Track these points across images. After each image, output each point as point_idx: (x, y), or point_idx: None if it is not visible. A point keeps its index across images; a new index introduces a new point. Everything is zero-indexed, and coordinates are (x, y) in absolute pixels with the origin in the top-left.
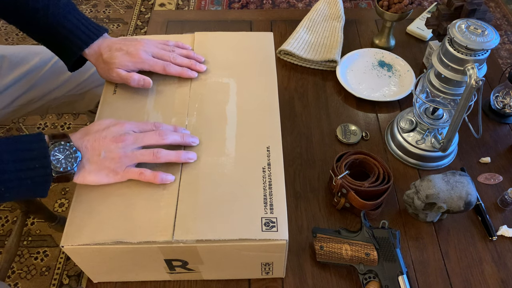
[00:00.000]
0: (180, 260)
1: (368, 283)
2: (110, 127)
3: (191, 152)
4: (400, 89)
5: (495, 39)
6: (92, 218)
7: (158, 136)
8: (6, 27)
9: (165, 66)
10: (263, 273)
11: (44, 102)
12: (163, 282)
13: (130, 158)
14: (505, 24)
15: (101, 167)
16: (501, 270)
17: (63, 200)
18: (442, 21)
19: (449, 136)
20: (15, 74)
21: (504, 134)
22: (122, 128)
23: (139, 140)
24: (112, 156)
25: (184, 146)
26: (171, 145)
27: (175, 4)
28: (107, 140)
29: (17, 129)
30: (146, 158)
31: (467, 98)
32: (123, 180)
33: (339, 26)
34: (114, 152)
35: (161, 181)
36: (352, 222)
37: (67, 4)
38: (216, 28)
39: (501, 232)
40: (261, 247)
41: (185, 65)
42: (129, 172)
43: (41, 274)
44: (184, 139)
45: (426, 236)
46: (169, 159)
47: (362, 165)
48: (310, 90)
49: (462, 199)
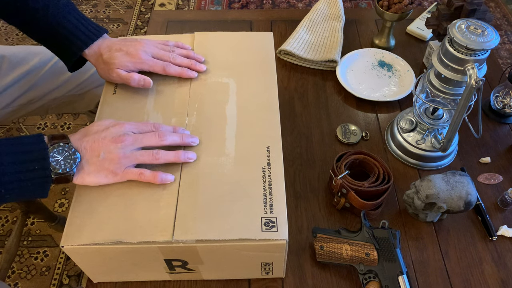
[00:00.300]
0: (180, 260)
1: (368, 283)
2: (109, 128)
3: (191, 152)
4: (400, 89)
5: (495, 39)
6: (92, 218)
7: (158, 137)
8: (6, 27)
9: (164, 66)
10: (263, 273)
11: (44, 102)
12: (163, 282)
13: (130, 159)
14: (505, 24)
15: (100, 168)
16: (501, 270)
17: (63, 200)
18: (442, 21)
19: (449, 136)
20: (15, 74)
21: (504, 134)
22: (121, 129)
23: (138, 141)
24: (111, 157)
25: (184, 146)
26: (171, 146)
27: (175, 4)
28: (107, 141)
29: (17, 129)
30: (145, 159)
31: (467, 98)
32: (123, 180)
33: (339, 26)
34: (113, 153)
35: (161, 181)
36: (352, 222)
37: (67, 4)
38: (216, 28)
39: (501, 232)
40: (261, 247)
41: (185, 65)
42: (128, 173)
43: (41, 274)
44: (184, 139)
45: (426, 236)
46: (168, 159)
47: (362, 165)
48: (310, 90)
49: (462, 199)
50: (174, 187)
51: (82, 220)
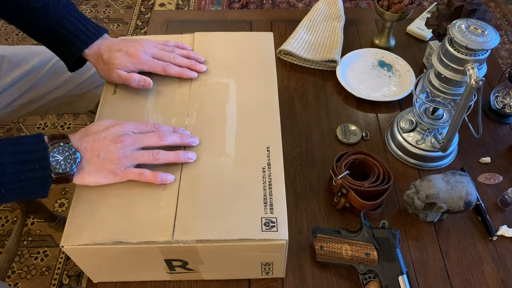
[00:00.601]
0: (180, 260)
1: (368, 283)
2: (109, 128)
3: (191, 152)
4: (400, 89)
5: (495, 39)
6: (92, 218)
7: (158, 138)
8: (6, 27)
9: (165, 67)
10: (263, 273)
11: (44, 102)
12: (163, 282)
13: (130, 159)
14: (505, 24)
15: (100, 168)
16: (501, 270)
17: (63, 200)
18: (442, 21)
19: (449, 136)
20: (15, 74)
21: (504, 134)
22: (121, 129)
23: (139, 141)
24: (111, 157)
25: (184, 146)
26: (171, 146)
27: (175, 4)
28: (107, 141)
29: (17, 129)
30: (145, 159)
31: (467, 98)
32: (123, 180)
33: (339, 26)
34: (113, 153)
35: (161, 181)
36: (352, 222)
37: (67, 4)
38: (216, 28)
39: (501, 232)
40: (261, 247)
41: (184, 66)
42: (128, 173)
43: (41, 274)
44: (184, 139)
45: (426, 236)
46: (168, 159)
47: (362, 165)
48: (310, 90)
49: (462, 199)
50: (174, 187)
51: (82, 220)
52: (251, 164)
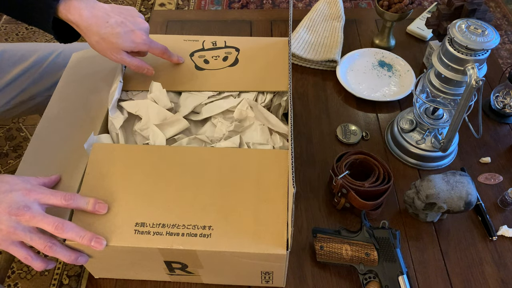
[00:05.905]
0: (180, 262)
1: (368, 283)
2: (12, 192)
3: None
4: (400, 89)
5: (495, 39)
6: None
7: (57, 227)
8: (6, 27)
9: (164, 49)
10: (263, 282)
11: (43, 99)
12: (163, 282)
13: (19, 237)
14: (505, 24)
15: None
16: (501, 270)
17: None
18: (442, 21)
19: (449, 136)
20: (14, 71)
21: (504, 134)
22: (24, 198)
23: (37, 219)
24: (0, 226)
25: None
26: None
27: (175, 4)
28: (1, 208)
29: (17, 129)
30: (36, 245)
31: (467, 98)
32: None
33: (339, 26)
34: (4, 223)
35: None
36: (352, 222)
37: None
38: (216, 28)
39: (501, 232)
40: (261, 256)
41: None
42: (13, 251)
43: (41, 274)
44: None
45: (426, 236)
46: (61, 257)
47: (362, 165)
48: (310, 90)
49: (462, 199)
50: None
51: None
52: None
